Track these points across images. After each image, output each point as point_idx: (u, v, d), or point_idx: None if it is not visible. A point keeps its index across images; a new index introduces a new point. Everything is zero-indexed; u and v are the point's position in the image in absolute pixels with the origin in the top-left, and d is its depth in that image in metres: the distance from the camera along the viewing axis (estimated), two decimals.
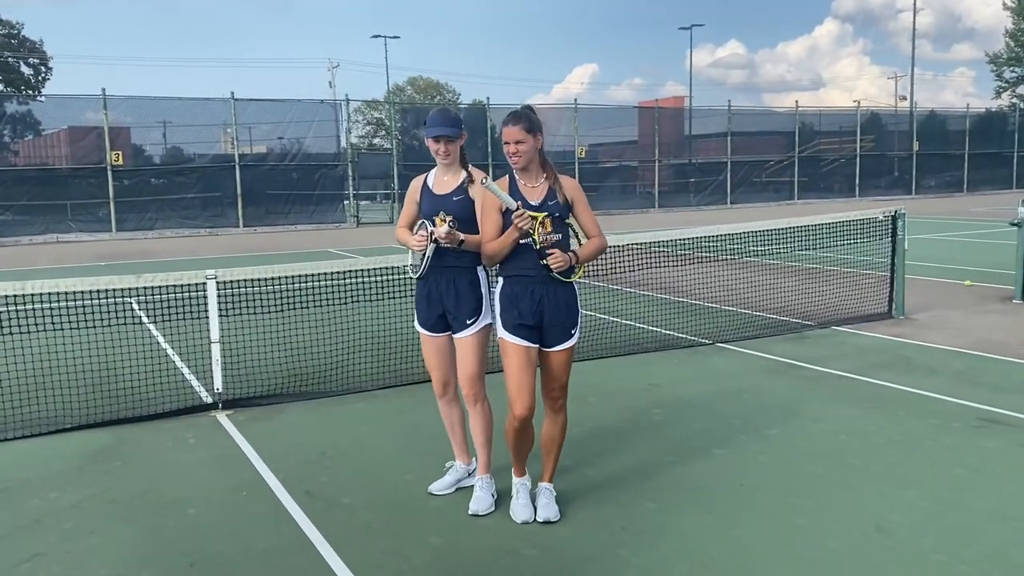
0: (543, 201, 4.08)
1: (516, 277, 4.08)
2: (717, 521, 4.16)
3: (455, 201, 4.30)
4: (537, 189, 4.12)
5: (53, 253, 20.75)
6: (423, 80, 69.90)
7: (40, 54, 50.30)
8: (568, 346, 4.15)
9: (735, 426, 5.63)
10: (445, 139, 4.27)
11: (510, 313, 4.07)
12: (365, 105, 62.32)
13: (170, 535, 4.17)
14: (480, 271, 4.33)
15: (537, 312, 4.05)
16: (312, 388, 6.77)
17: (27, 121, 29.04)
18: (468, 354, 4.32)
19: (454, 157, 4.32)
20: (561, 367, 4.16)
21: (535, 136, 4.06)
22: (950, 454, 5.05)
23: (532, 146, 4.06)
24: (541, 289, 4.05)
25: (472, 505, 4.32)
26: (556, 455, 4.32)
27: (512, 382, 4.07)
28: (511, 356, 4.07)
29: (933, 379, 6.74)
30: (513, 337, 4.06)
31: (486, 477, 4.43)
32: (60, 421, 5.98)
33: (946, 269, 13.22)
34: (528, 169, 4.11)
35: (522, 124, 4.02)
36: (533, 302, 4.04)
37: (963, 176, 41.68)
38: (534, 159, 4.10)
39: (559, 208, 4.09)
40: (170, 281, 6.10)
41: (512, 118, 4.06)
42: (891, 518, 4.14)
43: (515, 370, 4.06)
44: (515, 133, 4.02)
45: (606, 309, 9.66)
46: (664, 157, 35.38)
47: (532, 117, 4.08)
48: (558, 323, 4.09)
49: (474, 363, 4.33)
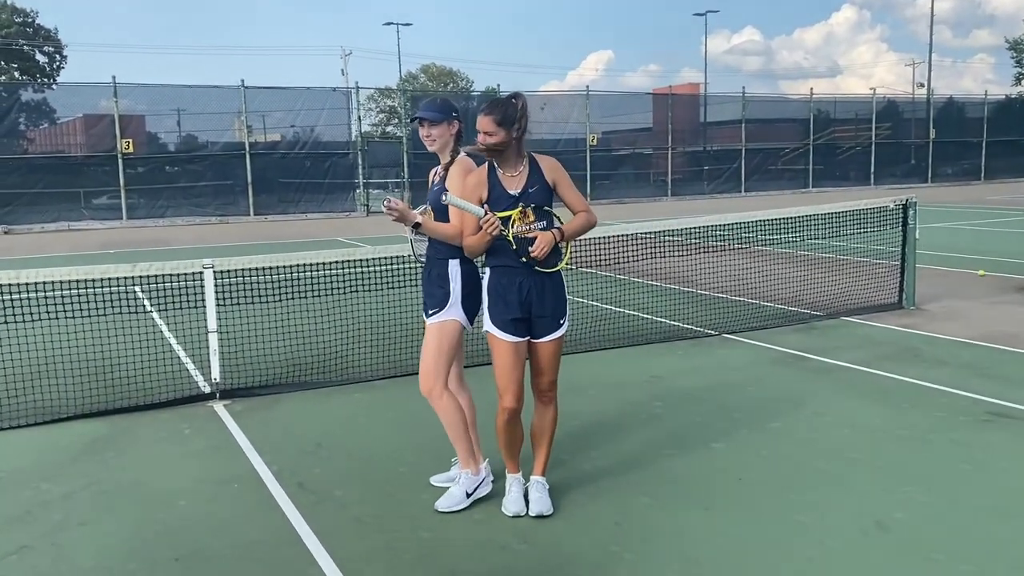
0: (523, 190, 3.99)
1: (502, 268, 3.99)
2: (714, 517, 4.07)
3: (434, 191, 4.21)
4: (516, 178, 4.02)
5: (64, 241, 20.83)
6: (436, 68, 69.69)
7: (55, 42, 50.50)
8: (557, 336, 4.07)
9: (737, 419, 5.53)
10: (427, 122, 4.16)
11: (498, 307, 3.99)
12: (378, 93, 62.20)
13: (158, 528, 4.13)
14: (454, 265, 4.17)
15: (525, 304, 3.96)
16: (311, 378, 6.72)
17: (42, 109, 29.20)
18: (425, 346, 4.22)
19: (441, 143, 4.21)
20: (550, 358, 4.08)
21: (508, 130, 3.93)
22: (956, 448, 4.94)
23: (504, 139, 3.94)
24: (528, 281, 3.96)
25: (439, 500, 4.21)
26: (547, 448, 4.24)
27: (501, 376, 4.00)
28: (500, 352, 3.99)
29: (942, 371, 6.61)
30: (502, 333, 3.98)
31: (465, 472, 4.27)
32: (57, 410, 5.95)
33: (960, 258, 13.03)
34: (504, 157, 4.01)
35: (494, 116, 3.91)
36: (520, 294, 3.95)
37: (981, 164, 41.21)
38: (510, 149, 3.99)
39: (542, 194, 3.99)
40: (166, 271, 6.04)
41: (487, 108, 3.95)
42: (893, 515, 4.04)
43: (504, 365, 3.98)
44: (485, 124, 3.92)
45: (610, 299, 9.56)
46: (678, 144, 35.17)
47: (508, 110, 3.93)
48: (547, 313, 4.01)
49: (429, 356, 4.19)
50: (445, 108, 4.20)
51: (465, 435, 4.25)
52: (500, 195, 3.98)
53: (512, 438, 4.14)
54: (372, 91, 61.33)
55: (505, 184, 4.00)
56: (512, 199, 3.97)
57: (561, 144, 32.15)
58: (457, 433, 4.23)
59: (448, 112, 4.19)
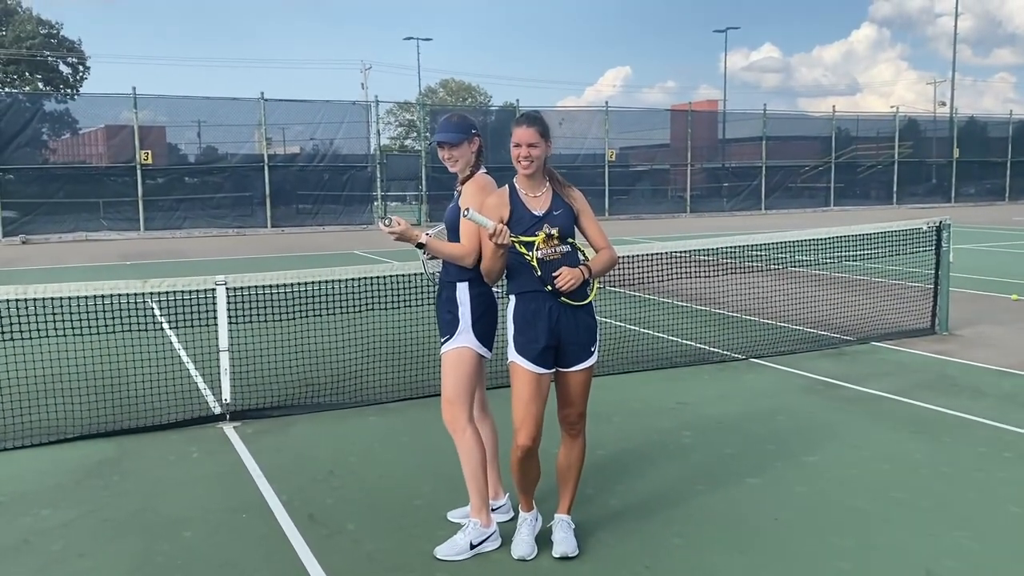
0: (548, 211, 3.77)
1: (530, 294, 3.74)
2: (750, 562, 3.81)
3: (451, 207, 4.01)
4: (540, 199, 3.80)
5: (81, 251, 20.79)
6: (455, 82, 69.82)
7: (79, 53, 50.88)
8: (588, 365, 3.83)
9: (769, 451, 5.27)
10: (447, 145, 3.95)
11: (525, 335, 3.74)
12: (397, 107, 62.31)
13: (161, 560, 3.91)
14: (463, 288, 3.92)
15: (555, 331, 3.72)
16: (325, 399, 6.50)
17: (64, 120, 29.31)
18: (443, 375, 3.98)
19: (463, 163, 3.98)
20: (580, 389, 3.84)
21: (547, 142, 3.77)
22: (1004, 488, 4.65)
23: (543, 152, 3.76)
24: (558, 307, 3.73)
25: (439, 546, 3.90)
26: (574, 485, 3.98)
27: (519, 409, 3.74)
28: (522, 383, 3.74)
29: (981, 402, 6.32)
30: (526, 362, 3.73)
31: (474, 521, 3.95)
32: (63, 430, 5.77)
33: (990, 282, 12.69)
34: (534, 177, 3.80)
35: (537, 127, 3.72)
36: (550, 321, 3.71)
37: (1005, 184, 40.62)
38: (541, 166, 3.80)
39: (566, 218, 3.78)
40: (178, 287, 5.86)
41: (526, 120, 3.75)
42: (943, 563, 3.76)
43: (524, 397, 3.73)
44: (529, 135, 3.71)
45: (633, 320, 9.31)
46: (697, 161, 34.86)
47: (546, 122, 3.80)
48: (577, 341, 3.77)
49: (447, 385, 3.96)
50: (464, 127, 3.98)
51: (482, 478, 3.96)
52: (522, 216, 3.75)
53: (526, 476, 3.88)
54: (392, 105, 61.49)
55: (529, 204, 3.78)
56: (536, 220, 3.74)
57: (579, 159, 31.96)
58: (473, 474, 3.95)
59: (468, 131, 3.97)
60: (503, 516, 4.18)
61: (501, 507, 4.23)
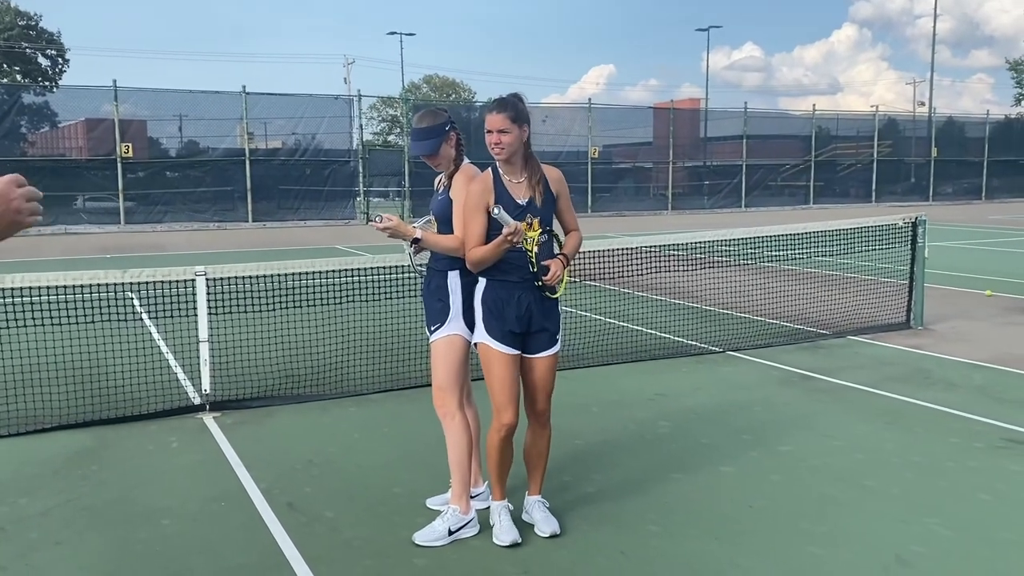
0: (531, 199, 3.79)
1: (500, 281, 3.79)
2: (724, 547, 3.86)
3: (438, 200, 4.01)
4: (523, 185, 3.82)
5: (60, 244, 20.63)
6: (438, 78, 69.68)
7: (58, 45, 50.35)
8: (554, 352, 3.89)
9: (745, 441, 5.33)
10: (425, 156, 3.98)
11: (496, 319, 3.78)
12: (380, 102, 62.08)
13: (139, 548, 3.92)
14: (454, 276, 3.96)
15: (524, 318, 3.77)
16: (305, 390, 6.51)
17: (44, 112, 29.04)
18: (433, 362, 4.01)
19: (446, 163, 3.99)
20: (547, 374, 3.88)
21: (520, 127, 3.75)
22: (974, 477, 4.74)
23: (517, 137, 3.75)
24: (528, 295, 3.77)
25: (418, 532, 3.93)
26: (543, 468, 4.05)
27: (500, 390, 3.80)
28: (498, 364, 3.79)
29: (953, 394, 6.42)
30: (499, 344, 3.79)
31: (454, 508, 3.99)
32: (40, 420, 5.74)
33: (965, 278, 12.85)
34: (512, 163, 3.81)
35: (507, 112, 3.71)
36: (520, 308, 3.76)
37: (981, 183, 41.11)
38: (518, 152, 3.80)
39: (547, 205, 3.82)
40: (157, 277, 5.85)
41: (497, 105, 3.75)
42: (913, 548, 3.84)
43: (503, 378, 3.79)
44: (498, 121, 3.71)
45: (613, 313, 9.37)
46: (679, 159, 35.03)
47: (519, 106, 3.77)
48: (544, 328, 3.82)
49: (439, 372, 3.99)
50: (436, 131, 3.92)
51: (467, 465, 4.01)
52: (507, 204, 3.76)
53: (505, 459, 3.93)
54: (374, 100, 61.20)
55: (512, 191, 3.80)
56: (520, 208, 3.77)
57: (563, 156, 32.01)
58: (460, 461, 3.99)
59: (441, 132, 3.92)
60: (482, 504, 4.21)
61: (480, 494, 4.26)
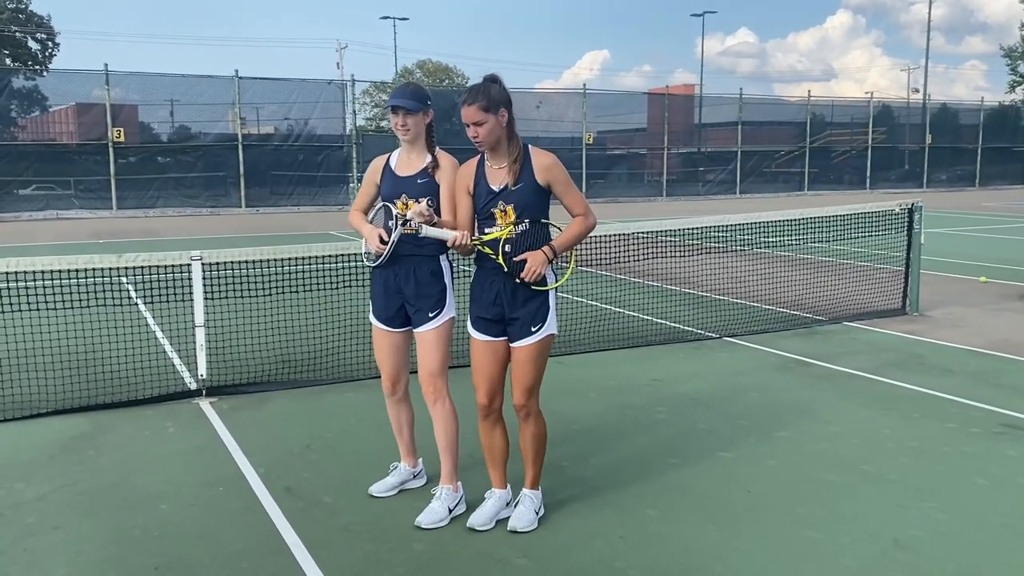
0: (505, 187, 3.70)
1: (480, 268, 3.84)
2: (722, 532, 3.87)
3: (419, 184, 3.97)
4: (501, 172, 3.73)
5: (52, 230, 20.52)
6: (432, 63, 69.27)
7: (48, 29, 49.92)
8: (528, 343, 3.76)
9: (742, 427, 5.34)
10: (403, 111, 3.92)
11: (474, 303, 3.84)
12: (373, 87, 61.69)
13: (137, 534, 3.91)
14: (444, 260, 4.02)
15: (496, 305, 3.75)
16: (301, 376, 6.50)
17: (33, 97, 28.82)
18: (430, 349, 4.01)
19: (415, 133, 3.97)
20: (520, 366, 3.79)
21: (498, 113, 3.64)
22: (970, 462, 4.76)
23: (495, 124, 3.64)
24: (499, 283, 3.74)
25: (421, 516, 3.94)
26: (535, 462, 3.97)
27: (473, 373, 3.88)
28: (472, 347, 3.88)
29: (949, 380, 6.44)
30: (475, 332, 3.85)
31: (447, 488, 4.05)
32: (36, 405, 5.72)
33: (960, 265, 12.88)
34: (496, 150, 3.74)
35: (479, 103, 3.60)
36: (491, 294, 3.76)
37: (975, 170, 41.18)
38: (501, 138, 3.71)
39: (526, 195, 3.68)
40: (152, 262, 5.81)
41: (468, 96, 3.63)
42: (910, 532, 3.85)
43: (474, 361, 3.88)
44: (471, 114, 3.62)
45: (609, 299, 9.36)
46: (673, 145, 34.97)
47: (492, 92, 3.63)
48: (518, 316, 3.76)
49: (436, 359, 4.02)
50: (420, 96, 3.99)
51: (456, 447, 4.11)
52: (482, 190, 3.73)
53: (488, 444, 3.95)
54: (368, 85, 60.75)
55: (489, 177, 3.74)
56: (492, 196, 3.70)
57: (557, 142, 31.93)
58: (449, 443, 4.09)
59: (424, 101, 3.97)
60: (419, 482, 4.38)
61: (419, 472, 4.44)
